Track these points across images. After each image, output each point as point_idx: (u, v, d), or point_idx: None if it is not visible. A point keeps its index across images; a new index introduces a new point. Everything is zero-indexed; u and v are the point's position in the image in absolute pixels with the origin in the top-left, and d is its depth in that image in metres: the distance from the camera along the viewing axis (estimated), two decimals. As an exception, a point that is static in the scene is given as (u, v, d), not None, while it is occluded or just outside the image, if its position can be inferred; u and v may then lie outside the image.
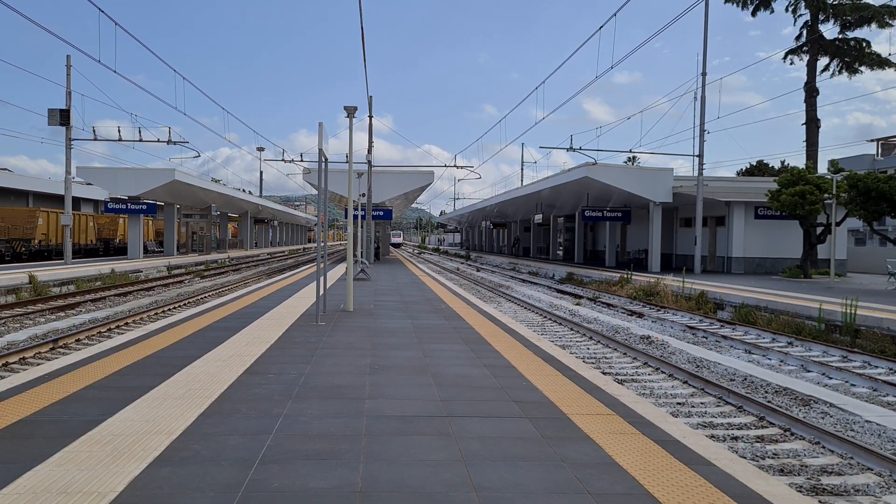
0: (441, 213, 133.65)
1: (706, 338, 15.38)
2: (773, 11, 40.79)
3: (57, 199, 47.01)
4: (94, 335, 14.38)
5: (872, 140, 58.97)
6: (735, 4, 41.29)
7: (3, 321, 15.78)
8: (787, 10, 40.55)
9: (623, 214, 36.44)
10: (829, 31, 39.58)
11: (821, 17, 39.28)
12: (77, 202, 52.44)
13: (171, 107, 29.06)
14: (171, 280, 28.97)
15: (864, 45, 39.33)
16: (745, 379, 10.76)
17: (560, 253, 49.48)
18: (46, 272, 24.56)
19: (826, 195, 26.80)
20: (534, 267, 40.86)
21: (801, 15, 40.31)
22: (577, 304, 22.32)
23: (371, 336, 10.03)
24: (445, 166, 43.81)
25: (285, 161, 45.27)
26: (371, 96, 32.62)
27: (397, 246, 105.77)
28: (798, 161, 59.12)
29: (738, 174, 56.75)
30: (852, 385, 10.52)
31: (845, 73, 39.91)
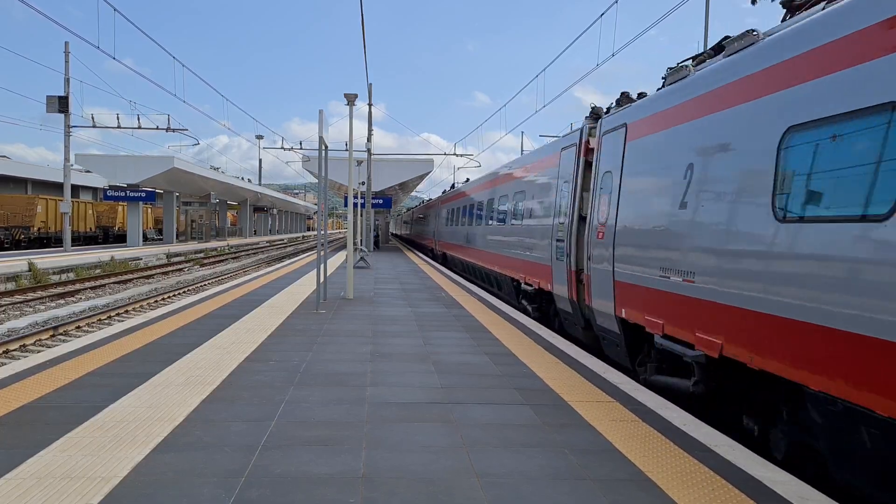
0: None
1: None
2: (774, -1, 40.49)
3: (56, 187, 46.93)
4: (94, 322, 14.40)
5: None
6: (737, -8, 40.82)
7: (3, 308, 15.79)
8: (788, -3, 40.20)
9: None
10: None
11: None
12: (76, 190, 52.34)
13: (170, 94, 28.89)
14: (170, 268, 28.98)
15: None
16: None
17: None
18: (46, 259, 24.56)
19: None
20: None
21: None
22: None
23: (372, 324, 10.04)
24: (445, 154, 43.77)
25: (284, 149, 45.19)
26: (371, 83, 32.49)
27: None
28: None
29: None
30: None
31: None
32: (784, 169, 5.03)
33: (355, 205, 32.57)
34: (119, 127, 35.32)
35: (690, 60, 7.66)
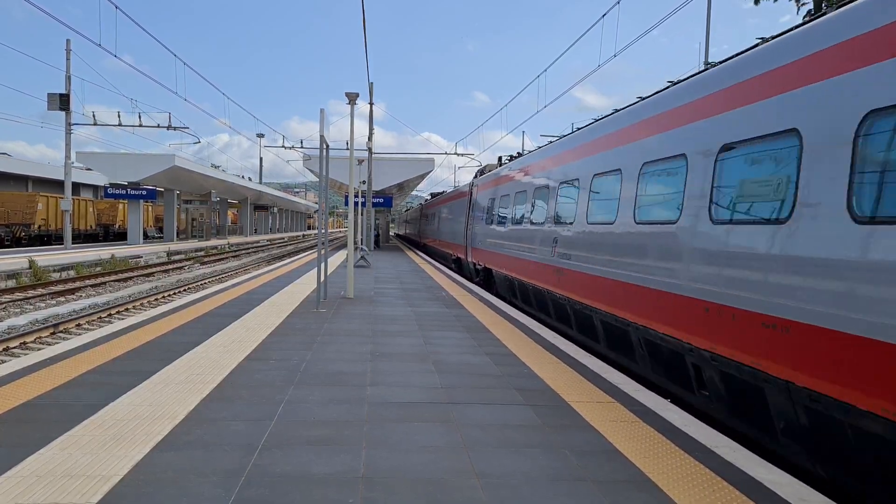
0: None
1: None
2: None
3: (56, 184, 46.93)
4: (94, 320, 14.40)
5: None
6: (739, -8, 40.81)
7: (3, 306, 15.79)
8: (790, -2, 40.20)
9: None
10: (833, 20, 39.33)
11: (825, 6, 39.07)
12: (77, 187, 52.36)
13: (171, 91, 28.86)
14: (171, 266, 28.97)
15: (868, 34, 39.02)
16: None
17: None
18: (46, 257, 24.56)
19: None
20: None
21: (804, 4, 40.08)
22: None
23: (372, 323, 10.04)
24: (446, 154, 43.73)
25: (285, 147, 45.14)
26: (371, 83, 32.46)
27: None
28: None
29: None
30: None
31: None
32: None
33: (356, 204, 32.54)
34: (120, 125, 35.29)
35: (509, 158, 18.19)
